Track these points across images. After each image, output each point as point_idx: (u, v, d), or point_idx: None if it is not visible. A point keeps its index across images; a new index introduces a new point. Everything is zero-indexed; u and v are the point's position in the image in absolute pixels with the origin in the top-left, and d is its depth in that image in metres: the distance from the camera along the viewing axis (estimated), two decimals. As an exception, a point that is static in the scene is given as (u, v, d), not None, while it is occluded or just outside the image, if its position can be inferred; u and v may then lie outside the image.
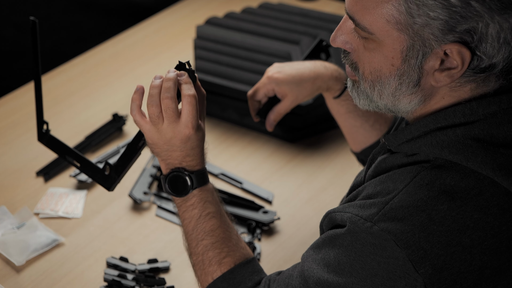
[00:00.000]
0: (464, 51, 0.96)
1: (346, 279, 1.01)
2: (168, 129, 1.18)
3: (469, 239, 0.97)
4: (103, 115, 1.86)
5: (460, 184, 0.98)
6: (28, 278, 1.43)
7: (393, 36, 0.98)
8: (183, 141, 1.19)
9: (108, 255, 1.48)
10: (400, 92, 1.02)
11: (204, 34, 1.96)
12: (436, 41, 0.96)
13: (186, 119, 1.18)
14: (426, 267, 0.97)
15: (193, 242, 1.21)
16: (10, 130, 1.82)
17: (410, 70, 1.00)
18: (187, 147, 1.19)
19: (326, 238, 1.06)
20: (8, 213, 1.54)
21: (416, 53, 0.98)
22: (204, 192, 1.21)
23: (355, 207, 1.03)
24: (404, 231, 0.97)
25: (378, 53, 1.01)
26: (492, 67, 0.98)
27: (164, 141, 1.19)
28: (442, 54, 0.97)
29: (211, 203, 1.21)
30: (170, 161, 1.20)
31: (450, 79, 0.99)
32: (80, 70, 2.05)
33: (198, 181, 1.20)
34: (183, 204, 1.21)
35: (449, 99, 1.02)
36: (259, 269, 1.20)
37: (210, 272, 1.19)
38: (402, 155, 1.05)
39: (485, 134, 0.99)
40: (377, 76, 1.03)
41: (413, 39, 0.97)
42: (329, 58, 1.54)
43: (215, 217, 1.21)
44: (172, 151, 1.20)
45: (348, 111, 1.43)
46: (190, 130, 1.18)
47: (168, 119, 1.17)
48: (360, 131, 1.44)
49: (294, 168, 1.72)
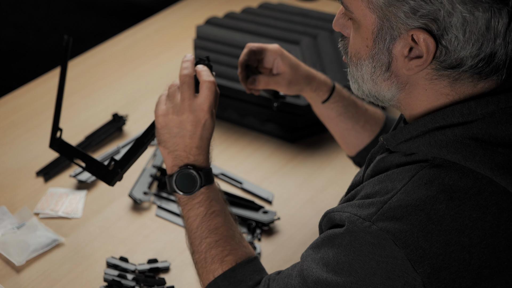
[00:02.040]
0: (429, 39, 0.97)
1: (345, 279, 1.01)
2: (183, 105, 1.19)
3: (468, 239, 0.97)
4: (103, 115, 1.86)
5: (458, 183, 0.98)
6: (28, 278, 1.43)
7: (366, 16, 1.01)
8: (193, 125, 1.19)
9: (108, 255, 1.48)
10: (376, 76, 1.04)
11: (204, 34, 1.96)
12: (402, 25, 0.98)
13: (202, 101, 1.19)
14: (424, 266, 0.97)
15: (196, 240, 1.21)
16: (10, 130, 1.82)
17: (379, 52, 1.02)
18: (197, 135, 1.20)
19: (325, 238, 1.06)
20: (8, 213, 1.54)
21: (384, 36, 1.00)
22: (210, 190, 1.22)
23: (353, 206, 1.03)
24: (403, 230, 0.97)
25: (358, 34, 1.04)
26: (460, 64, 0.98)
27: (176, 121, 1.19)
28: (410, 40, 0.99)
29: (216, 201, 1.22)
30: (178, 152, 1.21)
31: (419, 68, 1.00)
32: (80, 70, 2.05)
33: (206, 179, 1.21)
34: (189, 202, 1.22)
35: (432, 93, 1.02)
36: (260, 268, 1.20)
37: (212, 270, 1.19)
38: (400, 155, 1.05)
39: (483, 133, 0.99)
40: (357, 58, 1.06)
41: (382, 21, 1.00)
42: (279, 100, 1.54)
43: (220, 215, 1.21)
44: (181, 138, 1.20)
45: (338, 114, 1.43)
46: (205, 114, 1.19)
47: (183, 94, 1.19)
48: (352, 134, 1.45)
49: (294, 168, 1.72)
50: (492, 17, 0.95)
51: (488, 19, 0.95)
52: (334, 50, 1.87)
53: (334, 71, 1.79)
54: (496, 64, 0.99)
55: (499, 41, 0.97)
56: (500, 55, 0.98)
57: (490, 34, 0.96)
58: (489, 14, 0.95)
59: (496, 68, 0.99)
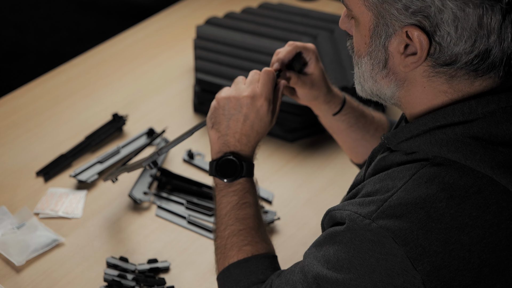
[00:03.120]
0: (422, 35, 0.98)
1: (345, 276, 1.02)
2: (245, 89, 1.24)
3: (468, 237, 0.97)
4: (103, 115, 1.86)
5: (459, 182, 0.98)
6: (28, 278, 1.43)
7: (364, 14, 1.03)
8: (249, 108, 1.24)
9: (108, 255, 1.48)
10: (375, 73, 1.06)
11: (204, 34, 1.96)
12: (396, 22, 0.99)
13: (261, 87, 1.25)
14: (424, 264, 0.97)
15: (222, 225, 1.24)
16: (10, 130, 1.82)
17: (376, 49, 1.04)
18: (249, 120, 1.24)
19: (326, 236, 1.07)
20: (8, 213, 1.54)
21: (380, 32, 1.02)
22: (249, 182, 1.25)
23: (354, 204, 1.03)
24: (403, 228, 0.98)
25: (358, 32, 1.06)
26: (455, 61, 0.99)
27: (235, 103, 1.24)
28: (405, 37, 1.00)
29: (251, 194, 1.25)
30: (228, 138, 1.24)
31: (414, 65, 1.01)
32: (80, 70, 2.05)
33: (248, 170, 1.24)
34: (225, 188, 1.24)
35: (431, 90, 1.03)
36: (276, 267, 1.22)
37: (229, 257, 1.21)
38: (401, 153, 1.05)
39: (484, 132, 0.99)
40: (358, 56, 1.07)
41: (377, 18, 1.01)
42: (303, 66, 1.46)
43: (250, 207, 1.24)
44: (235, 121, 1.24)
45: (350, 125, 1.43)
46: (263, 101, 1.24)
47: (248, 81, 1.26)
48: (362, 143, 1.44)
49: (294, 168, 1.72)
50: (484, 14, 0.95)
51: (480, 16, 0.95)
52: (334, 50, 1.87)
53: (334, 71, 1.79)
54: (492, 61, 0.99)
55: (494, 38, 0.97)
56: (496, 52, 0.98)
57: (483, 30, 0.96)
58: (480, 10, 0.95)
59: (492, 65, 1.00)
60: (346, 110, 1.42)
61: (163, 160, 1.73)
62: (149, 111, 1.89)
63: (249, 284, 1.18)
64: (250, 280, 1.19)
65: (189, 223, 1.56)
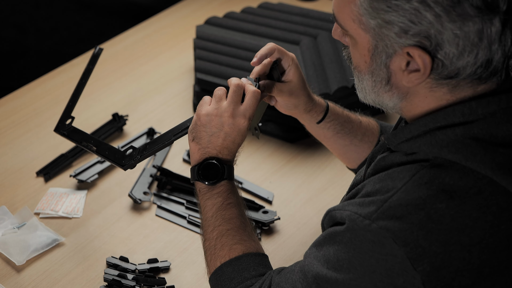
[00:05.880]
0: (424, 55, 0.98)
1: (344, 276, 1.02)
2: (227, 108, 1.23)
3: (468, 238, 0.98)
4: (103, 115, 1.86)
5: (459, 183, 0.98)
6: (28, 278, 1.43)
7: (361, 35, 1.03)
8: (231, 128, 1.23)
9: (108, 255, 1.48)
10: (377, 89, 1.06)
11: (204, 34, 1.96)
12: (396, 43, 0.99)
13: (246, 108, 1.23)
14: (424, 265, 0.97)
15: (209, 227, 1.24)
16: (10, 130, 1.82)
17: (378, 69, 1.04)
18: (231, 138, 1.23)
19: (326, 236, 1.07)
20: (8, 213, 1.54)
21: (380, 53, 1.02)
22: (231, 183, 1.25)
23: (354, 205, 1.03)
24: (403, 229, 0.98)
25: (355, 50, 1.06)
26: (458, 74, 0.99)
27: (217, 122, 1.23)
28: (406, 56, 1.00)
29: (234, 195, 1.25)
30: (209, 150, 1.24)
31: (418, 81, 1.01)
32: (80, 70, 2.04)
33: (229, 173, 1.24)
34: (209, 191, 1.25)
35: (433, 99, 1.03)
36: (267, 264, 1.22)
37: (220, 257, 1.22)
38: (401, 154, 1.05)
39: (484, 133, 0.99)
40: (358, 71, 1.08)
41: (376, 40, 1.01)
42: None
43: (236, 207, 1.24)
44: (216, 137, 1.23)
45: (336, 132, 1.42)
46: (245, 121, 1.23)
47: (231, 99, 1.23)
48: (352, 148, 1.44)
49: (294, 168, 1.72)
50: (484, 28, 0.96)
51: (479, 30, 0.96)
52: (334, 50, 1.87)
53: (334, 71, 1.79)
54: (495, 67, 1.00)
55: (495, 46, 0.98)
56: (498, 58, 0.99)
57: (484, 42, 0.97)
58: (480, 25, 0.96)
59: (495, 71, 1.00)
60: (329, 118, 1.40)
61: (163, 160, 1.73)
62: (149, 111, 1.89)
63: (242, 279, 1.19)
64: (243, 276, 1.19)
65: (189, 223, 1.56)
